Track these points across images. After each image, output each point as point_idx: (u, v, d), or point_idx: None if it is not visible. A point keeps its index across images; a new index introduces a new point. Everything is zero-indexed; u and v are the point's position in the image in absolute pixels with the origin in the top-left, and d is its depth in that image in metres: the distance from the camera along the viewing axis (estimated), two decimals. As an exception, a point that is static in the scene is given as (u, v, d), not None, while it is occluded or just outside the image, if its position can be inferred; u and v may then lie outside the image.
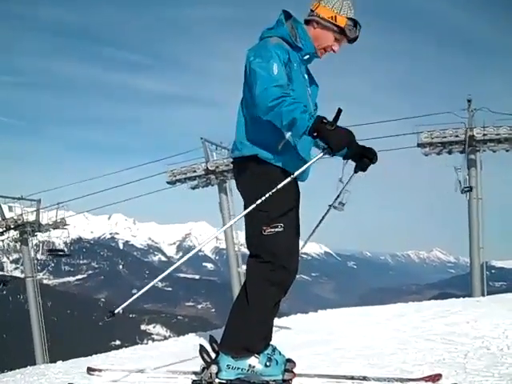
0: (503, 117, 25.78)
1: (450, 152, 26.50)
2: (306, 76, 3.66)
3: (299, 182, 3.66)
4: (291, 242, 3.47)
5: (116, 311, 3.35)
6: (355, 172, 3.75)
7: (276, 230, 3.38)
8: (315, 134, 3.14)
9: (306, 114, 3.14)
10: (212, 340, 3.57)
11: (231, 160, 3.77)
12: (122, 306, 3.41)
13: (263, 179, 3.44)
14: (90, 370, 4.11)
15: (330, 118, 3.19)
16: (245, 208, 3.54)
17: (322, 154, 3.30)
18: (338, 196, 3.76)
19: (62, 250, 33.25)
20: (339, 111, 3.23)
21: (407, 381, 3.62)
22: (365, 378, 3.63)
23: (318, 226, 3.94)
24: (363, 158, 3.70)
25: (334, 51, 3.62)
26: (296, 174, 3.35)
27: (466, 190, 25.85)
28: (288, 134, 3.32)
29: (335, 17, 3.53)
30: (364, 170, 3.71)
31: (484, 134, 25.38)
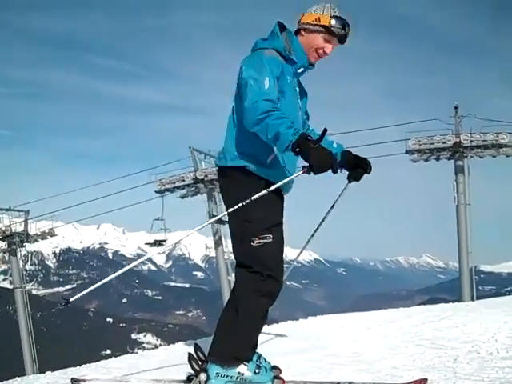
0: (490, 123, 26.02)
1: (437, 158, 26.66)
2: (298, 88, 3.68)
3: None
4: (278, 252, 3.48)
5: None
6: (349, 182, 3.77)
7: (265, 241, 3.39)
8: (297, 150, 3.11)
9: (290, 129, 3.13)
10: (197, 348, 3.55)
11: (216, 168, 3.76)
12: None
13: (250, 191, 3.43)
14: (74, 380, 4.04)
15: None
16: (229, 216, 3.55)
17: (301, 171, 3.28)
18: (333, 205, 3.81)
19: (164, 240, 32.67)
20: (324, 131, 3.23)
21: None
22: (351, 384, 3.63)
23: (312, 235, 3.97)
24: (357, 167, 3.74)
25: (325, 53, 3.60)
26: (271, 188, 3.35)
27: None
28: (275, 148, 3.39)
29: (319, 18, 3.56)
30: (357, 179, 3.73)
31: (471, 141, 25.57)
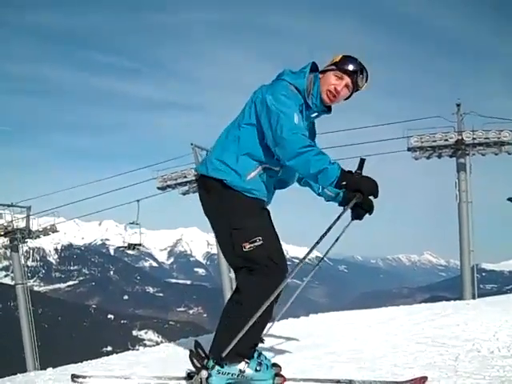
0: (492, 120, 25.98)
1: (439, 156, 26.61)
2: (307, 132, 3.63)
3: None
4: (274, 250, 3.51)
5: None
6: (352, 219, 3.75)
7: (256, 244, 3.42)
8: (344, 184, 3.25)
9: (335, 165, 3.24)
10: (197, 345, 3.55)
11: (197, 173, 3.78)
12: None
13: (227, 204, 3.51)
14: (74, 377, 4.06)
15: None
16: (212, 226, 3.65)
17: (354, 200, 3.41)
18: (337, 239, 3.79)
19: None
20: (362, 161, 3.36)
21: (394, 384, 3.61)
22: (351, 382, 3.62)
23: (321, 259, 4.02)
24: (359, 206, 3.71)
25: (337, 91, 3.64)
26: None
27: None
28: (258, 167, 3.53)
29: (333, 59, 3.70)
30: (360, 218, 3.71)
31: (473, 138, 25.52)
